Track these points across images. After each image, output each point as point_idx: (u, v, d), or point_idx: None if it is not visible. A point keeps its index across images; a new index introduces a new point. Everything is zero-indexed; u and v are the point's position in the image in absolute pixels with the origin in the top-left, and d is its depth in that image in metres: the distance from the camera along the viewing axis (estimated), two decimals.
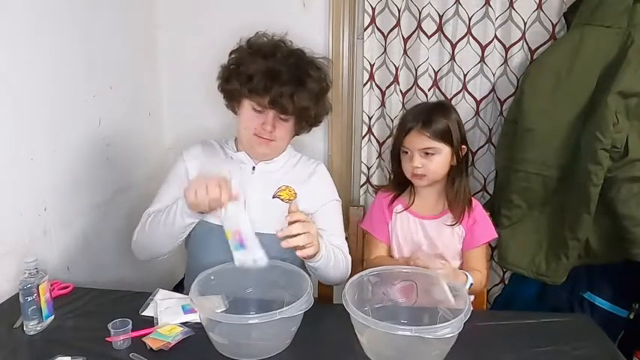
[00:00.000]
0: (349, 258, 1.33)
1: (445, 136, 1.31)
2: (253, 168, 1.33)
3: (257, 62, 1.20)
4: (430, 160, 1.32)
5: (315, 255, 1.13)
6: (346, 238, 1.39)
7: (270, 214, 1.26)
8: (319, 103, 1.26)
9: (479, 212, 1.41)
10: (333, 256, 1.23)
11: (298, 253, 1.09)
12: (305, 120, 1.28)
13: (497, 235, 1.45)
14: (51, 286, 1.16)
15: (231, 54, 1.29)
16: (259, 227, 1.14)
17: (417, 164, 1.31)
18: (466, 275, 1.30)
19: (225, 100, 1.34)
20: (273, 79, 1.17)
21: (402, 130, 1.36)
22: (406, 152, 1.35)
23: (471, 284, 1.30)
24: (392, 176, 1.51)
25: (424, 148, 1.31)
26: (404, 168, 1.38)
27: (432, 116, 1.32)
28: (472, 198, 1.44)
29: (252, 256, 1.08)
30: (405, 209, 1.41)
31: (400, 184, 1.44)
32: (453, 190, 1.38)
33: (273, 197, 1.30)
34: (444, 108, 1.38)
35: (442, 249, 1.38)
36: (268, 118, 1.22)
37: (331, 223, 1.36)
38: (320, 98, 1.26)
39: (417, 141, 1.32)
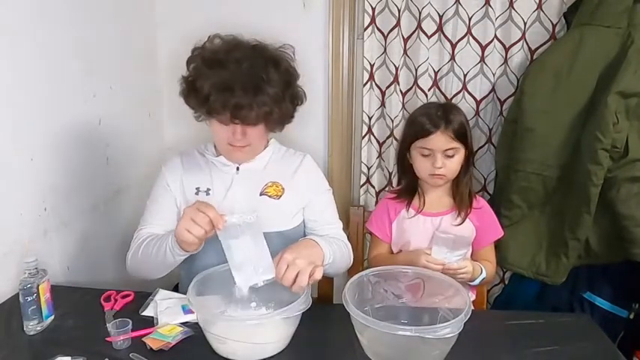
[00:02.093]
0: (349, 245, 1.34)
1: (462, 136, 1.33)
2: (237, 168, 1.32)
3: (210, 77, 1.16)
4: (451, 160, 1.33)
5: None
6: (347, 238, 1.39)
7: (259, 212, 1.26)
8: (282, 102, 1.21)
9: (487, 210, 1.43)
10: (339, 251, 1.24)
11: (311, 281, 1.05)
12: (273, 122, 1.24)
13: (503, 233, 1.46)
14: (113, 298, 1.19)
15: (188, 63, 1.25)
16: None
17: (440, 164, 1.32)
18: (481, 268, 1.33)
19: (193, 113, 1.29)
20: (229, 94, 1.13)
21: (420, 132, 1.34)
22: (426, 155, 1.34)
23: (484, 278, 1.33)
24: (399, 181, 1.50)
25: (447, 149, 1.32)
26: (421, 168, 1.37)
27: (450, 116, 1.33)
28: (479, 196, 1.45)
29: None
30: (418, 212, 1.42)
31: (410, 187, 1.45)
32: (458, 187, 1.39)
33: (261, 195, 1.30)
34: (455, 108, 1.38)
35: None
36: (236, 128, 1.19)
37: (325, 215, 1.36)
38: (284, 96, 1.22)
39: (442, 142, 1.32)
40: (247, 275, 1.05)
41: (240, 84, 1.14)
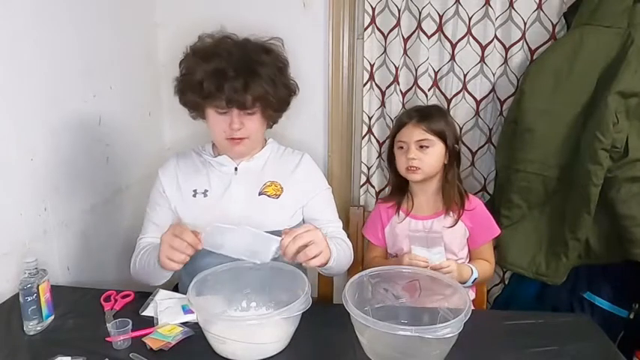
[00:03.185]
0: (350, 243, 1.35)
1: (439, 133, 1.37)
2: (235, 169, 1.32)
3: (202, 66, 1.18)
4: (425, 153, 1.36)
5: (327, 261, 1.13)
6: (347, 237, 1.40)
7: (257, 211, 1.26)
8: (277, 85, 1.23)
9: (480, 211, 1.43)
10: (342, 252, 1.24)
11: (309, 263, 1.07)
12: (269, 106, 1.24)
13: (500, 232, 1.47)
14: (113, 298, 1.19)
15: (180, 64, 1.27)
16: (247, 226, 1.14)
17: (413, 156, 1.36)
18: (471, 269, 1.34)
19: (189, 112, 1.31)
20: (223, 79, 1.15)
21: (397, 126, 1.42)
22: (401, 147, 1.40)
23: (476, 278, 1.35)
24: (390, 181, 1.55)
25: (419, 140, 1.36)
26: (398, 163, 1.42)
27: (427, 113, 1.40)
28: (473, 196, 1.46)
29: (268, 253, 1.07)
30: (407, 215, 1.43)
31: (398, 189, 1.48)
32: (444, 187, 1.42)
33: (260, 194, 1.30)
34: (439, 109, 1.46)
35: (449, 243, 1.39)
36: (233, 117, 1.20)
37: (325, 213, 1.36)
38: (277, 80, 1.23)
39: (413, 133, 1.37)
40: (261, 253, 1.06)
41: (233, 68, 1.16)
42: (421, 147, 1.36)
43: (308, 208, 1.34)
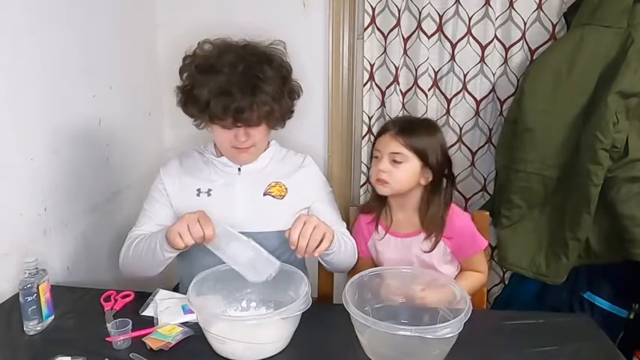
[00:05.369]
0: (353, 241, 1.35)
1: (417, 150, 1.24)
2: (239, 169, 1.32)
3: (207, 83, 1.16)
4: (397, 167, 1.25)
5: (331, 242, 1.13)
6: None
7: (262, 211, 1.26)
8: (282, 99, 1.22)
9: (462, 232, 1.31)
10: (343, 244, 1.24)
11: (320, 247, 1.08)
12: (275, 118, 1.24)
13: (487, 244, 1.37)
14: (113, 298, 1.19)
15: (181, 73, 1.26)
16: (252, 226, 1.14)
17: (383, 168, 1.25)
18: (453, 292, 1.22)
19: (193, 121, 1.30)
20: (228, 98, 1.13)
21: (378, 133, 1.32)
22: (377, 156, 1.30)
23: None
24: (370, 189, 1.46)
25: (393, 153, 1.25)
26: (371, 172, 1.32)
27: (411, 126, 1.28)
28: (457, 216, 1.32)
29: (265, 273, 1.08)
30: (387, 232, 1.36)
31: (377, 199, 1.37)
32: (428, 210, 1.29)
33: (264, 195, 1.30)
34: (428, 125, 1.32)
35: (432, 260, 1.33)
36: (239, 131, 1.20)
37: (329, 215, 1.35)
38: (281, 94, 1.22)
39: (389, 144, 1.26)
40: (257, 272, 1.07)
41: (237, 87, 1.14)
42: (394, 161, 1.25)
43: (311, 209, 1.34)
